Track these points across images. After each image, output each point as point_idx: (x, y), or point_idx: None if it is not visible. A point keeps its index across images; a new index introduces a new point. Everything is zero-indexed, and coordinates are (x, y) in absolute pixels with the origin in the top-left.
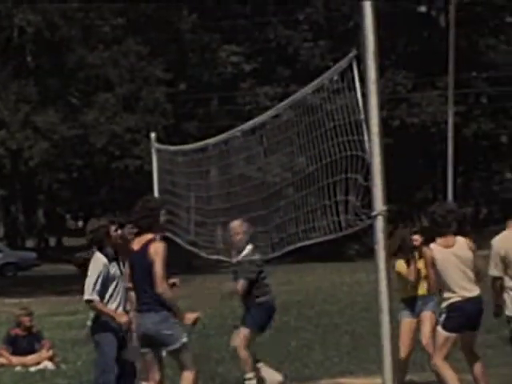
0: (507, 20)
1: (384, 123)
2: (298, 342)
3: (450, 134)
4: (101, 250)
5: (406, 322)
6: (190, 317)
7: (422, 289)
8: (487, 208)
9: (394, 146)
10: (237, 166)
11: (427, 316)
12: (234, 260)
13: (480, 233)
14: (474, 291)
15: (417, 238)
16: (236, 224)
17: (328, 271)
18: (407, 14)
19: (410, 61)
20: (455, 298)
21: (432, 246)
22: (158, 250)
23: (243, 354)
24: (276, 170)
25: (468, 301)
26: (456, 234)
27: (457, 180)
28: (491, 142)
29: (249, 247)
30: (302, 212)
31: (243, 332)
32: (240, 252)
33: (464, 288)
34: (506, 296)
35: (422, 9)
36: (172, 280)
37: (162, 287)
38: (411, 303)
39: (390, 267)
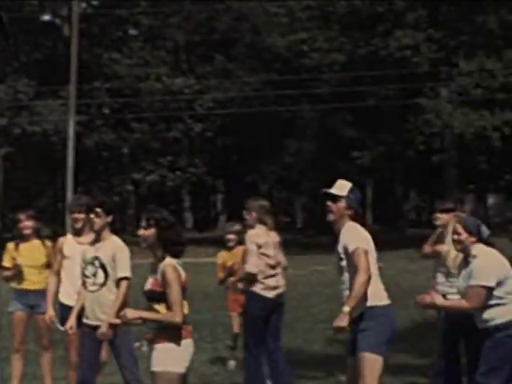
0: (130, 32)
1: (5, 131)
2: None
3: (71, 144)
4: None
5: None
6: None
7: None
8: None
9: (15, 154)
10: None
11: None
12: None
13: None
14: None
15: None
16: None
17: None
18: (31, 21)
19: (32, 69)
20: None
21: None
22: None
23: None
24: None
25: None
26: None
27: (77, 189)
28: (112, 153)
29: None
30: None
31: None
32: None
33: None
34: None
35: (47, 17)
36: None
37: None
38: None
39: None
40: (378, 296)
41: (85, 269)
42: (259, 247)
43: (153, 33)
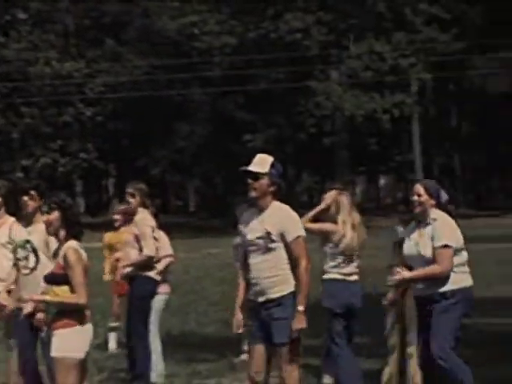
0: (19, 16)
1: None
2: None
3: None
4: None
5: None
6: None
7: None
8: None
9: None
10: None
11: None
12: None
13: None
14: None
15: None
16: None
17: None
18: None
19: None
20: None
21: None
22: None
23: None
24: None
25: None
26: None
27: None
28: (2, 139)
29: None
30: None
31: None
32: None
33: None
34: None
35: None
36: None
37: None
38: None
39: None
40: (292, 283)
41: (16, 252)
42: (152, 230)
43: (42, 16)
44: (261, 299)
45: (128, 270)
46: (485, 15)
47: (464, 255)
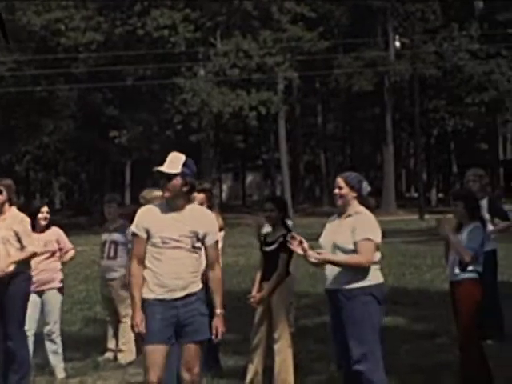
0: None
1: None
2: None
3: None
4: None
5: None
6: None
7: None
8: None
9: None
10: None
11: None
12: None
13: None
14: None
15: None
16: None
17: None
18: None
19: None
20: None
21: None
22: None
23: None
24: None
25: None
26: None
27: None
28: None
29: None
30: None
31: None
32: None
33: None
34: None
35: None
36: None
37: None
38: None
39: None
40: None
41: None
42: None
43: None
44: (180, 294)
45: (11, 267)
46: (350, 15)
47: (378, 254)
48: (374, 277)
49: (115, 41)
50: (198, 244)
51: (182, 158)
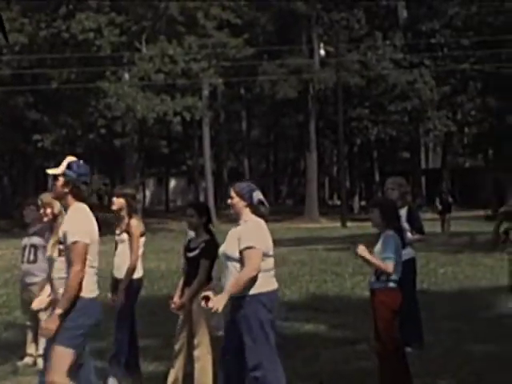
0: None
1: None
2: None
3: None
4: None
5: None
6: None
7: None
8: None
9: None
10: None
11: None
12: None
13: None
14: None
15: None
16: None
17: None
18: None
19: None
20: None
21: None
22: None
23: None
24: None
25: None
26: None
27: None
28: None
29: None
30: None
31: None
32: None
33: None
34: None
35: None
36: None
37: None
38: None
39: None
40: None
41: None
42: None
43: None
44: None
45: None
46: (275, 22)
47: (270, 261)
48: (264, 284)
49: (39, 43)
50: (61, 246)
51: (70, 160)
